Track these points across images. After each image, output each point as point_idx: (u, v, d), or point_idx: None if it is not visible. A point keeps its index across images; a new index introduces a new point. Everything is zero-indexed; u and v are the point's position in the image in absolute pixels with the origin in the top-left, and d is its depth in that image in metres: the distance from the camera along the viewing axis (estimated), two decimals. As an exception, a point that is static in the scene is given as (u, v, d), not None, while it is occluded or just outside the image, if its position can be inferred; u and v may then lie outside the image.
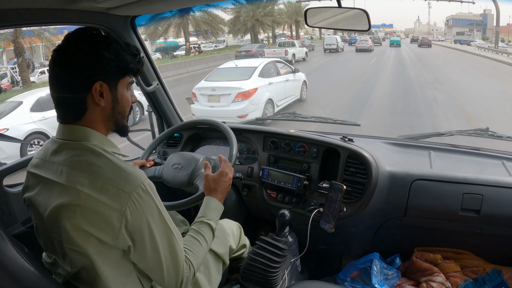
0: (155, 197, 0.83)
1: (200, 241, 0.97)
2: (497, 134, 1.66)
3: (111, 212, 0.77)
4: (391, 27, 60.54)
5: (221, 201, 1.10)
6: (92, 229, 0.77)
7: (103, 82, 0.82)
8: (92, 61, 0.81)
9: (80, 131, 0.83)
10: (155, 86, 1.65)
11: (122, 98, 0.87)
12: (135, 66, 0.87)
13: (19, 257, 0.75)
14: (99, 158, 0.80)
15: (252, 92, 6.04)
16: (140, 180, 0.80)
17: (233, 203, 1.70)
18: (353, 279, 1.47)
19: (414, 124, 6.23)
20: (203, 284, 1.12)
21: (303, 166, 1.54)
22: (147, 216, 0.81)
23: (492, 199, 1.31)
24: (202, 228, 1.00)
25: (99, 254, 0.79)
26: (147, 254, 0.82)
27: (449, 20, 56.02)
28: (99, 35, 0.84)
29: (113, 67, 0.83)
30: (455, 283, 1.39)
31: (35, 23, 1.18)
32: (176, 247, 0.86)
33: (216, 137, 1.78)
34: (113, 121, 0.88)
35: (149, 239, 0.81)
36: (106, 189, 0.77)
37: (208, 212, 1.05)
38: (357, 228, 1.49)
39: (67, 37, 0.83)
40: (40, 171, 0.85)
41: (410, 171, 1.42)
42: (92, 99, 0.82)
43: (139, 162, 1.34)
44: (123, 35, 1.46)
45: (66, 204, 0.77)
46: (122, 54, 0.84)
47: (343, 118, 2.11)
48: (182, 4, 1.38)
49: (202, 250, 0.97)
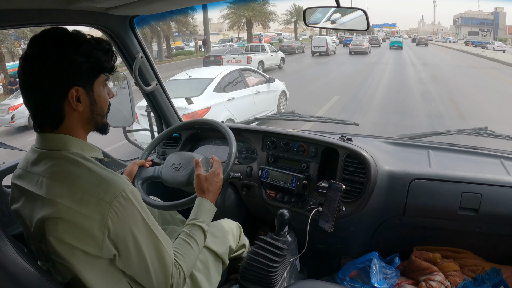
0: (138, 204, 0.81)
1: (191, 244, 0.96)
2: (496, 133, 1.67)
3: (92, 223, 0.75)
4: (394, 26, 57.06)
5: (213, 202, 1.09)
6: (75, 242, 0.75)
7: (78, 87, 0.79)
8: (64, 67, 0.77)
9: (58, 139, 0.81)
10: (154, 86, 1.65)
11: (99, 99, 0.85)
12: (109, 64, 0.84)
13: (18, 257, 0.75)
14: (78, 167, 0.78)
15: (202, 113, 4.67)
16: (121, 188, 0.77)
17: (232, 203, 1.70)
18: (352, 278, 1.47)
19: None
20: (202, 283, 1.13)
21: (302, 166, 1.54)
22: (130, 224, 0.79)
23: (490, 198, 1.31)
24: (194, 231, 0.99)
25: (86, 266, 0.78)
26: (133, 261, 0.81)
27: (457, 19, 51.45)
28: (67, 35, 0.79)
29: (87, 69, 0.80)
30: (454, 282, 1.40)
31: (34, 24, 1.17)
32: (163, 252, 0.84)
33: (215, 137, 1.79)
34: (92, 123, 0.86)
35: (134, 246, 0.80)
36: (86, 200, 0.75)
37: (200, 214, 1.04)
38: (356, 227, 1.49)
39: (33, 42, 0.78)
40: (22, 182, 0.83)
41: (409, 170, 1.42)
42: (69, 105, 0.79)
43: (138, 162, 1.34)
44: (122, 35, 1.46)
45: (47, 217, 0.76)
46: (94, 53, 0.80)
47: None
48: (182, 4, 1.38)
49: (193, 254, 0.96)
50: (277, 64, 15.44)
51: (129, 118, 1.55)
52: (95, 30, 1.41)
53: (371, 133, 2.36)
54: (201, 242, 1.00)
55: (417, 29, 78.49)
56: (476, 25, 46.56)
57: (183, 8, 1.39)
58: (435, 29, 67.39)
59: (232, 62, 13.20)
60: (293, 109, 2.21)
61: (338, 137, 1.53)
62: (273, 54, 15.46)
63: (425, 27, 77.66)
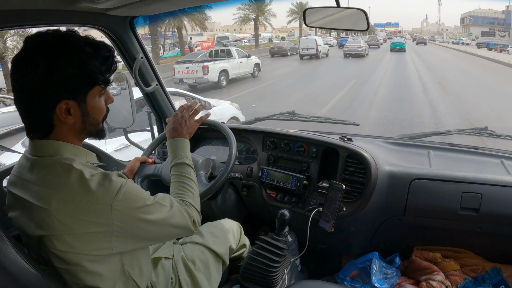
0: (137, 192, 0.81)
1: (185, 181, 1.00)
2: (496, 133, 1.67)
3: (97, 228, 0.75)
4: (397, 26, 53.35)
5: (183, 136, 1.11)
6: (84, 249, 0.76)
7: (68, 100, 0.74)
8: (54, 79, 0.72)
9: (50, 146, 0.78)
10: (154, 86, 1.65)
11: (93, 110, 0.80)
12: (105, 77, 0.78)
13: (19, 258, 0.74)
14: (71, 174, 0.75)
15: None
16: (117, 188, 0.77)
17: (233, 203, 1.70)
18: (353, 278, 1.47)
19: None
20: (203, 283, 1.13)
21: (302, 166, 1.54)
22: (136, 216, 0.79)
23: (491, 198, 1.31)
24: (180, 169, 1.03)
25: (98, 264, 0.79)
26: (153, 234, 0.85)
27: (465, 18, 46.23)
28: (61, 42, 0.74)
29: (79, 82, 0.75)
30: (455, 281, 1.40)
31: (34, 24, 1.17)
32: (174, 212, 0.88)
33: (215, 137, 1.79)
34: (85, 132, 0.82)
35: (149, 227, 0.82)
36: (85, 207, 0.74)
37: (176, 153, 1.07)
38: (357, 227, 1.49)
39: (25, 45, 0.74)
40: (17, 190, 0.81)
41: (409, 170, 1.42)
42: (58, 117, 0.76)
43: (141, 158, 1.35)
44: (122, 36, 1.46)
45: (48, 235, 0.75)
46: (89, 63, 0.75)
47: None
48: (182, 4, 1.38)
49: (192, 187, 1.00)
50: (250, 72, 12.83)
51: (130, 119, 1.55)
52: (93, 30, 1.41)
53: (371, 133, 2.35)
54: (193, 175, 1.04)
55: (421, 29, 75.07)
56: (486, 25, 41.47)
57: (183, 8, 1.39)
58: (439, 29, 64.33)
59: (185, 73, 10.85)
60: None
61: (338, 137, 1.53)
62: (243, 60, 12.59)
63: (429, 27, 74.56)
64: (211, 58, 12.49)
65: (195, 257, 1.17)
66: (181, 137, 1.10)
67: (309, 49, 18.19)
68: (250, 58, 13.02)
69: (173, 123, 1.14)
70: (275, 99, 8.61)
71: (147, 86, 1.64)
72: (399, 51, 22.29)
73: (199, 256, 1.18)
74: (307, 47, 18.24)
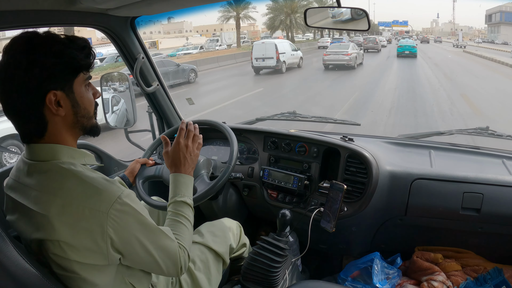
0: (135, 206, 0.80)
1: (182, 221, 0.96)
2: (497, 133, 1.66)
3: (93, 236, 0.74)
4: (406, 25, 42.87)
5: (188, 173, 1.06)
6: (79, 258, 0.76)
7: (56, 91, 0.76)
8: (36, 72, 0.73)
9: (47, 149, 0.78)
10: (155, 86, 1.65)
11: (82, 100, 0.81)
12: (85, 61, 0.79)
13: (20, 258, 0.74)
14: (69, 179, 0.76)
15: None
16: (116, 196, 0.76)
17: (234, 203, 1.70)
18: (354, 278, 1.47)
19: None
20: (203, 283, 1.13)
21: (303, 166, 1.54)
22: (131, 228, 0.79)
23: (492, 198, 1.31)
24: (178, 207, 0.98)
25: (94, 274, 0.79)
26: (141, 259, 0.82)
27: (492, 15, 34.00)
28: (36, 38, 0.76)
29: (61, 70, 0.76)
30: (456, 282, 1.39)
31: (35, 25, 1.17)
32: (167, 242, 0.86)
33: (216, 138, 1.78)
34: (78, 126, 0.82)
35: (140, 247, 0.81)
36: (82, 213, 0.74)
37: (178, 189, 1.02)
38: (358, 227, 1.49)
39: (5, 51, 0.75)
40: (15, 194, 0.81)
41: (410, 171, 1.42)
42: (50, 111, 0.76)
43: (141, 160, 1.34)
44: (123, 36, 1.46)
45: (45, 239, 0.75)
46: (67, 52, 0.76)
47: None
48: (182, 4, 1.38)
49: (187, 230, 0.96)
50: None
51: (131, 119, 1.55)
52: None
53: (372, 133, 2.34)
54: (191, 216, 1.00)
55: (431, 29, 64.97)
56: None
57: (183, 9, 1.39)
58: (453, 28, 52.70)
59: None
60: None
61: (339, 137, 1.53)
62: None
63: (441, 27, 64.20)
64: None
65: (195, 256, 1.17)
66: (186, 174, 1.05)
67: (266, 59, 12.94)
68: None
69: (177, 153, 1.07)
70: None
71: (148, 86, 1.64)
72: (409, 56, 16.09)
73: (199, 256, 1.18)
74: (263, 57, 12.96)
